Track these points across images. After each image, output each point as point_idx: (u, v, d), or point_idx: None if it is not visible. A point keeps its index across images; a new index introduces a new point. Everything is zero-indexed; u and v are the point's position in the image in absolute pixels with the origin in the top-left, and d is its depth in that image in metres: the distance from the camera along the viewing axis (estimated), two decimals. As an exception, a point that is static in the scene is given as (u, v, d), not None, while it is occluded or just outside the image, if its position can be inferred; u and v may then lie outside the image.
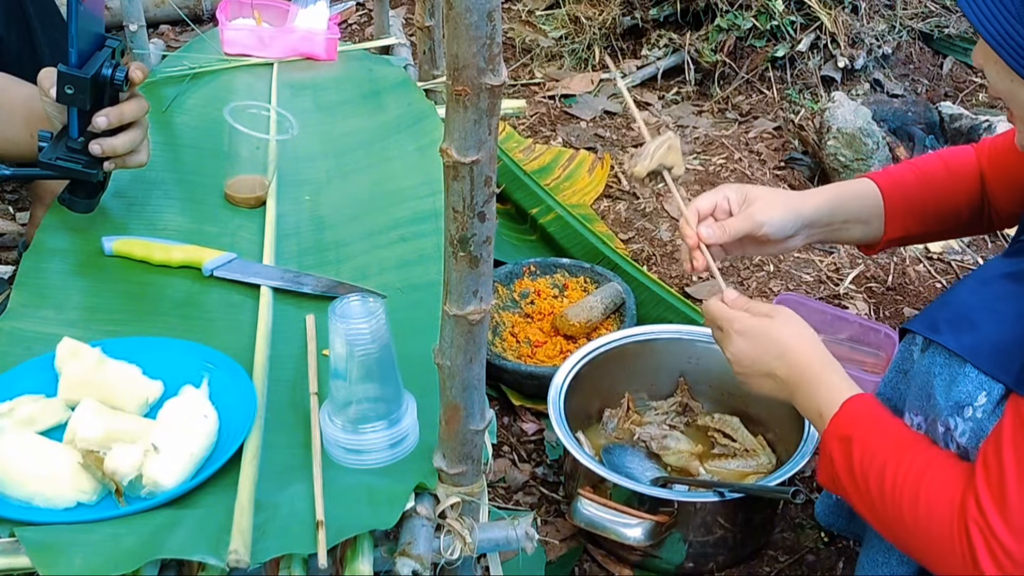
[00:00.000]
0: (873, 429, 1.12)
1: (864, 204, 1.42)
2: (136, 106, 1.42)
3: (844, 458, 1.11)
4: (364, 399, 1.10)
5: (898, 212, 1.41)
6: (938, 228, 1.46)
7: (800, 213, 1.37)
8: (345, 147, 1.87)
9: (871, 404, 1.16)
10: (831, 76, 2.70)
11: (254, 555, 0.96)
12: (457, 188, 0.84)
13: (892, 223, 1.42)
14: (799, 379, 1.21)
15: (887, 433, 1.11)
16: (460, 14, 0.75)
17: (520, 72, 2.96)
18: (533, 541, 1.07)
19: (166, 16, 3.14)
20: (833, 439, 1.13)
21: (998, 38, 1.04)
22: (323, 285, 1.44)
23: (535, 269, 1.96)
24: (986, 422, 1.05)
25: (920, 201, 1.42)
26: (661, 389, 1.67)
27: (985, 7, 1.04)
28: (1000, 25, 1.04)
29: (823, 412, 1.16)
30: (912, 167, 1.46)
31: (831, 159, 2.28)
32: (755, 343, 1.24)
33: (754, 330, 1.25)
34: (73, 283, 1.43)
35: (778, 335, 1.23)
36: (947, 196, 1.42)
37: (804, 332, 1.25)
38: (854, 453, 1.10)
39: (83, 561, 0.95)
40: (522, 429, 1.72)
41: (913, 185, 1.43)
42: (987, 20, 1.04)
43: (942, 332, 1.09)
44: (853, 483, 1.10)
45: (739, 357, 1.26)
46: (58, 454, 1.08)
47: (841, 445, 1.12)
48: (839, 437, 1.13)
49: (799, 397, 1.21)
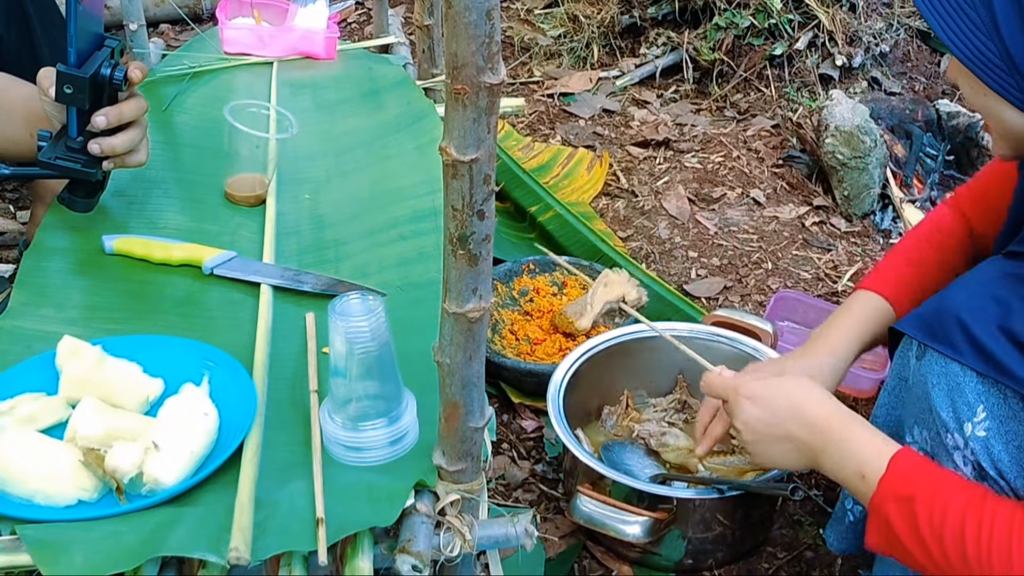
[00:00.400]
0: (933, 486, 1.03)
1: (880, 325, 1.35)
2: (135, 106, 1.43)
3: (906, 520, 1.03)
4: (364, 397, 1.10)
5: (907, 309, 1.35)
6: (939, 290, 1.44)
7: (833, 384, 1.33)
8: (345, 146, 1.87)
9: (918, 458, 1.08)
10: (829, 74, 2.70)
11: (254, 552, 0.96)
12: (456, 186, 0.84)
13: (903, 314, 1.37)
14: (825, 439, 1.13)
15: (952, 489, 1.03)
16: (459, 13, 0.75)
17: (519, 70, 2.96)
18: (532, 538, 1.07)
19: (166, 15, 3.14)
20: (889, 501, 1.05)
21: (969, 55, 1.03)
22: (323, 283, 1.44)
23: (534, 267, 1.97)
24: (993, 440, 1.04)
25: (922, 291, 1.35)
26: (660, 386, 1.68)
27: (955, 24, 1.03)
28: (971, 42, 1.03)
29: (865, 472, 1.08)
30: (907, 263, 1.40)
31: (829, 157, 2.29)
32: (767, 406, 1.18)
33: (764, 393, 1.19)
34: (74, 282, 1.44)
35: (791, 394, 1.17)
36: (944, 272, 1.37)
37: (817, 389, 1.19)
38: (919, 514, 1.01)
39: (84, 559, 0.95)
40: (521, 426, 1.73)
41: (914, 283, 1.38)
42: (957, 37, 1.04)
43: (936, 336, 1.07)
44: (921, 545, 1.02)
45: (751, 424, 1.18)
46: (59, 452, 1.08)
47: (900, 506, 1.04)
48: (896, 498, 1.04)
49: (828, 459, 1.13)
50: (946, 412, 1.07)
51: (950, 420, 1.07)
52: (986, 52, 1.03)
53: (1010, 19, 1.00)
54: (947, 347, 1.06)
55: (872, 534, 1.08)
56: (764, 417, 1.18)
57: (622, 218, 2.29)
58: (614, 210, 2.31)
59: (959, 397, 1.05)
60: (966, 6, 1.03)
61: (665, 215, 2.29)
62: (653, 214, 2.29)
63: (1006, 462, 1.04)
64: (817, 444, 1.14)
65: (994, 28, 1.01)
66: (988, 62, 1.03)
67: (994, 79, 1.03)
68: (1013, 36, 1.01)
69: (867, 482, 1.07)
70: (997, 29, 1.01)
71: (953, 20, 1.04)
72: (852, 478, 1.10)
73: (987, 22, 1.01)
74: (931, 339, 1.08)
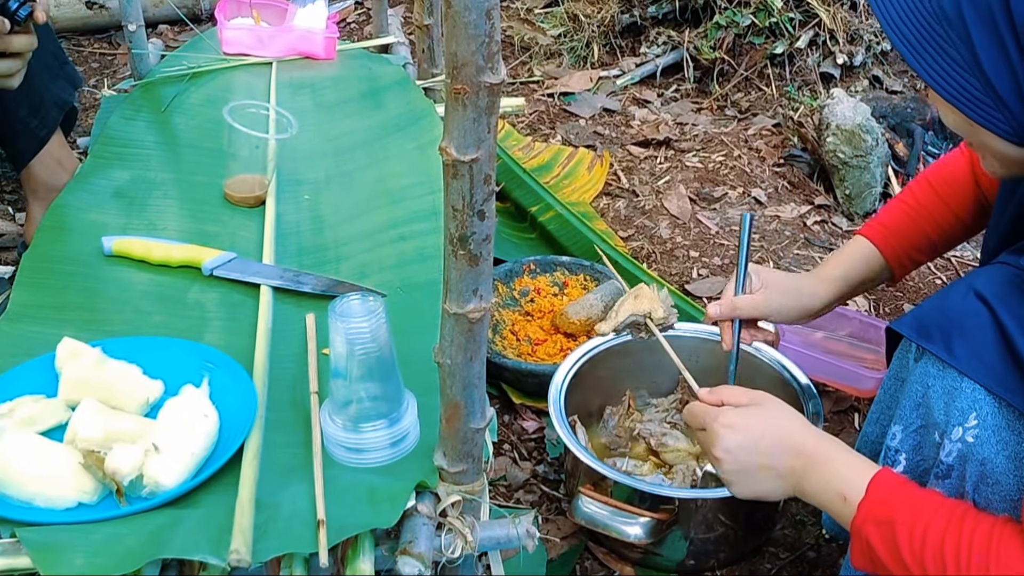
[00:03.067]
0: (913, 508, 1.03)
1: (869, 266, 1.44)
2: (26, 41, 1.59)
3: (887, 543, 1.03)
4: (364, 398, 1.10)
5: (901, 255, 1.44)
6: (947, 244, 1.46)
7: (809, 307, 1.42)
8: (344, 146, 1.87)
9: (897, 479, 1.08)
10: (830, 73, 2.70)
11: (255, 554, 0.96)
12: (456, 186, 0.84)
13: (899, 264, 1.45)
14: (809, 463, 1.13)
15: (931, 510, 1.02)
16: (459, 12, 0.75)
17: (519, 70, 2.96)
18: (534, 539, 1.07)
19: (165, 16, 3.14)
20: (869, 524, 1.05)
21: (954, 93, 1.02)
22: (323, 284, 1.43)
23: (535, 267, 1.96)
24: (979, 448, 1.04)
25: (921, 235, 1.43)
26: (661, 387, 1.67)
27: (936, 63, 1.02)
28: (954, 80, 1.01)
29: (847, 495, 1.07)
30: (903, 205, 1.45)
31: (830, 156, 2.28)
32: (746, 435, 1.17)
33: (742, 421, 1.19)
34: (73, 283, 1.43)
35: (769, 422, 1.18)
36: (945, 219, 1.42)
37: (794, 414, 1.20)
38: (899, 536, 1.01)
39: (84, 561, 0.95)
40: (523, 427, 1.72)
41: (907, 224, 1.44)
42: (940, 77, 1.02)
43: (934, 339, 1.08)
44: (902, 567, 1.01)
45: (733, 452, 1.17)
46: (59, 454, 1.08)
47: (881, 529, 1.03)
48: (876, 521, 1.04)
49: (810, 484, 1.12)
50: (939, 413, 1.07)
51: (942, 422, 1.07)
52: (971, 89, 1.01)
53: (991, 54, 0.98)
54: (945, 352, 1.06)
55: (856, 556, 1.07)
56: (746, 444, 1.17)
57: (623, 218, 2.28)
58: (615, 210, 2.31)
59: (953, 402, 1.06)
60: (946, 44, 1.01)
61: (666, 215, 2.28)
62: (654, 214, 2.29)
63: (1000, 471, 1.04)
64: (801, 468, 1.13)
65: (976, 65, 0.99)
66: (974, 99, 1.01)
67: (982, 115, 1.02)
68: (996, 71, 0.99)
69: (848, 504, 1.07)
70: (979, 65, 0.99)
71: (934, 59, 1.02)
72: (835, 500, 1.09)
73: (968, 59, 1.00)
74: (929, 342, 1.08)
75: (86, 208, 1.59)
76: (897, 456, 1.14)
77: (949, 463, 1.07)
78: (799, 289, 1.42)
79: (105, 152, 1.77)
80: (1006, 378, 1.02)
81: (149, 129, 1.87)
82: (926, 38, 1.02)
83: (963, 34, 0.99)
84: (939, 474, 1.09)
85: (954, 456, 1.06)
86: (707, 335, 1.59)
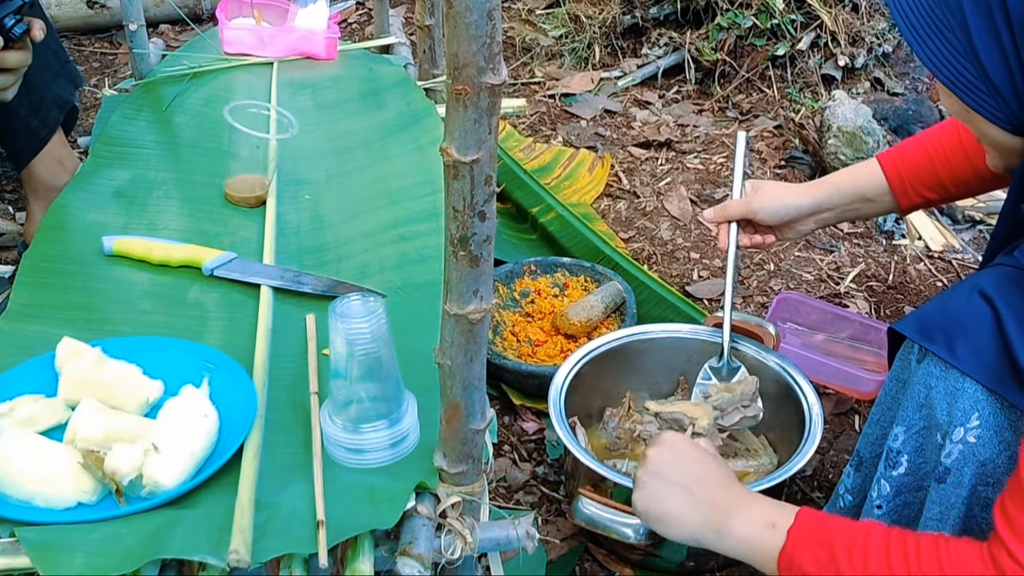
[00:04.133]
0: (849, 528, 1.04)
1: (870, 184, 1.49)
2: (20, 57, 1.60)
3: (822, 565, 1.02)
4: (364, 398, 1.10)
5: (907, 186, 1.47)
6: (959, 191, 1.48)
7: (796, 204, 1.52)
8: (345, 146, 1.87)
9: (822, 512, 1.09)
10: (832, 74, 2.69)
11: (255, 555, 0.96)
12: (457, 187, 0.84)
13: (904, 196, 1.48)
14: (735, 499, 1.13)
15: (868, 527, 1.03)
16: (460, 13, 0.74)
17: (520, 71, 2.96)
18: (534, 540, 1.07)
19: (166, 15, 3.14)
20: (802, 548, 1.04)
21: (951, 77, 1.03)
22: (323, 284, 1.43)
23: (535, 268, 1.96)
24: (980, 448, 1.04)
25: (932, 173, 1.46)
26: (662, 388, 1.67)
27: (935, 46, 1.03)
28: (951, 64, 1.03)
29: (776, 522, 1.07)
30: (923, 142, 1.48)
31: (832, 158, 2.28)
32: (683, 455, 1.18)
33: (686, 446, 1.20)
34: (73, 283, 1.43)
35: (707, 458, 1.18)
36: (961, 166, 1.44)
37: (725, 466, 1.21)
38: (837, 555, 1.01)
39: (84, 561, 0.95)
40: (523, 428, 1.72)
41: (922, 160, 1.46)
42: (939, 59, 1.04)
43: (936, 340, 1.08)
44: None
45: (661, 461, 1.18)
46: (58, 454, 1.08)
47: (816, 552, 1.03)
48: (811, 544, 1.04)
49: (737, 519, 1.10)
50: (942, 414, 1.07)
51: (944, 423, 1.07)
52: (966, 75, 1.03)
53: (987, 43, 1.00)
54: (947, 353, 1.06)
55: None
56: (680, 461, 1.17)
57: (624, 219, 2.28)
58: (616, 211, 2.31)
59: (955, 402, 1.06)
60: (945, 29, 1.03)
61: (667, 216, 2.28)
62: (655, 215, 2.29)
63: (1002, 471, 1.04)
64: (730, 502, 1.12)
65: (972, 51, 1.01)
66: (969, 85, 1.03)
67: (976, 101, 1.03)
68: (991, 59, 1.00)
69: (777, 530, 1.06)
70: (975, 52, 1.01)
71: (934, 43, 1.03)
72: (761, 530, 1.08)
73: (965, 45, 1.01)
74: (931, 343, 1.08)
75: (86, 208, 1.59)
76: (899, 458, 1.14)
77: (947, 465, 1.07)
78: (783, 194, 1.53)
79: (106, 152, 1.77)
80: (1006, 378, 1.02)
81: (150, 129, 1.87)
82: (928, 21, 1.04)
83: (961, 20, 1.01)
84: (937, 477, 1.09)
85: (954, 458, 1.06)
86: (707, 336, 1.59)
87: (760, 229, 1.56)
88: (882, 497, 1.17)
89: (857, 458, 1.28)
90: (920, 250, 2.15)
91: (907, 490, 1.16)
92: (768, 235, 1.56)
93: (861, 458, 1.27)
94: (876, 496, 1.18)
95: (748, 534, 1.09)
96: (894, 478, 1.16)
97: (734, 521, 1.10)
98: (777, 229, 1.56)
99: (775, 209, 1.52)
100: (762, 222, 1.54)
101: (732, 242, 1.51)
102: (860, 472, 1.28)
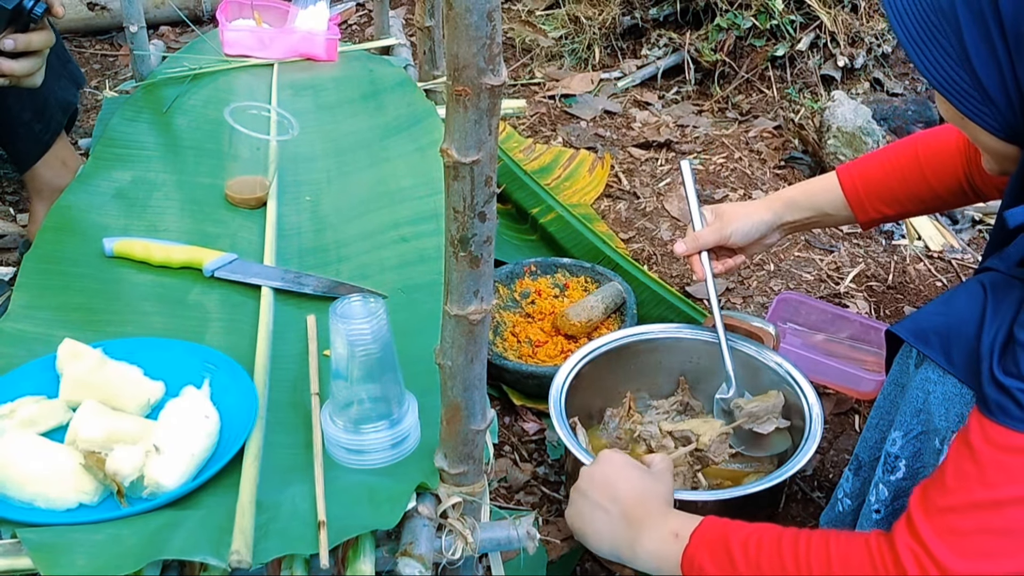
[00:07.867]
0: (746, 528, 1.09)
1: (828, 198, 1.52)
2: (44, 37, 1.57)
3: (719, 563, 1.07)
4: (365, 399, 1.10)
5: (865, 202, 1.50)
6: (917, 209, 1.51)
7: (762, 220, 1.54)
8: (345, 147, 1.87)
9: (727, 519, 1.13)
10: (831, 75, 2.70)
11: (256, 555, 0.96)
12: (457, 188, 0.84)
13: (862, 210, 1.51)
14: (647, 512, 1.18)
15: (764, 527, 1.08)
16: (460, 14, 0.75)
17: (520, 72, 2.96)
18: (535, 541, 1.07)
19: (166, 17, 3.14)
20: (702, 549, 1.09)
21: (944, 84, 1.03)
22: (324, 285, 1.44)
23: (536, 269, 1.96)
24: None
25: (888, 189, 1.48)
26: (662, 388, 1.67)
27: (930, 53, 1.03)
28: (945, 71, 1.03)
29: (679, 532, 1.12)
30: (881, 159, 1.50)
31: (831, 158, 2.28)
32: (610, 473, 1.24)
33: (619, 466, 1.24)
34: (74, 284, 1.43)
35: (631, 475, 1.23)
36: (918, 187, 1.46)
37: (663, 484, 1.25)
38: (734, 550, 1.06)
39: (85, 562, 0.95)
40: (523, 429, 1.72)
41: (880, 177, 1.49)
42: (933, 66, 1.04)
43: (932, 345, 1.08)
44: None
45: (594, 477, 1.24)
46: (59, 455, 1.08)
47: (714, 550, 1.08)
48: (710, 543, 1.09)
49: (648, 532, 1.16)
50: (940, 420, 1.08)
51: (943, 428, 1.08)
52: (960, 82, 1.02)
53: (980, 51, 1.00)
54: (944, 359, 1.06)
55: None
56: (602, 476, 1.23)
57: (624, 220, 2.28)
58: (616, 212, 2.31)
59: (953, 408, 1.06)
60: (940, 36, 1.02)
61: (667, 217, 2.28)
62: (655, 216, 2.29)
63: None
64: (643, 519, 1.17)
65: (966, 59, 1.01)
66: (963, 92, 1.03)
67: (969, 108, 1.03)
68: (985, 68, 1.00)
69: (680, 539, 1.11)
70: (968, 59, 1.00)
71: (929, 49, 1.03)
72: (667, 540, 1.13)
73: (959, 52, 1.01)
74: (928, 348, 1.08)
75: (87, 209, 1.59)
76: (897, 463, 1.14)
77: None
78: (749, 213, 1.55)
79: (106, 153, 1.77)
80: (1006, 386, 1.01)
81: (150, 130, 1.87)
82: (924, 28, 1.04)
83: (955, 27, 1.01)
84: None
85: None
86: (707, 336, 1.59)
87: (728, 252, 1.58)
88: (880, 501, 1.17)
89: (856, 462, 1.28)
90: (920, 250, 2.15)
91: (905, 495, 1.16)
92: (738, 256, 1.58)
93: (860, 462, 1.27)
94: (874, 500, 1.18)
95: (656, 547, 1.14)
96: (892, 483, 1.16)
97: (644, 536, 1.16)
98: (746, 248, 1.58)
99: (747, 230, 1.54)
100: (734, 245, 1.55)
101: (708, 270, 1.52)
102: (859, 476, 1.28)
